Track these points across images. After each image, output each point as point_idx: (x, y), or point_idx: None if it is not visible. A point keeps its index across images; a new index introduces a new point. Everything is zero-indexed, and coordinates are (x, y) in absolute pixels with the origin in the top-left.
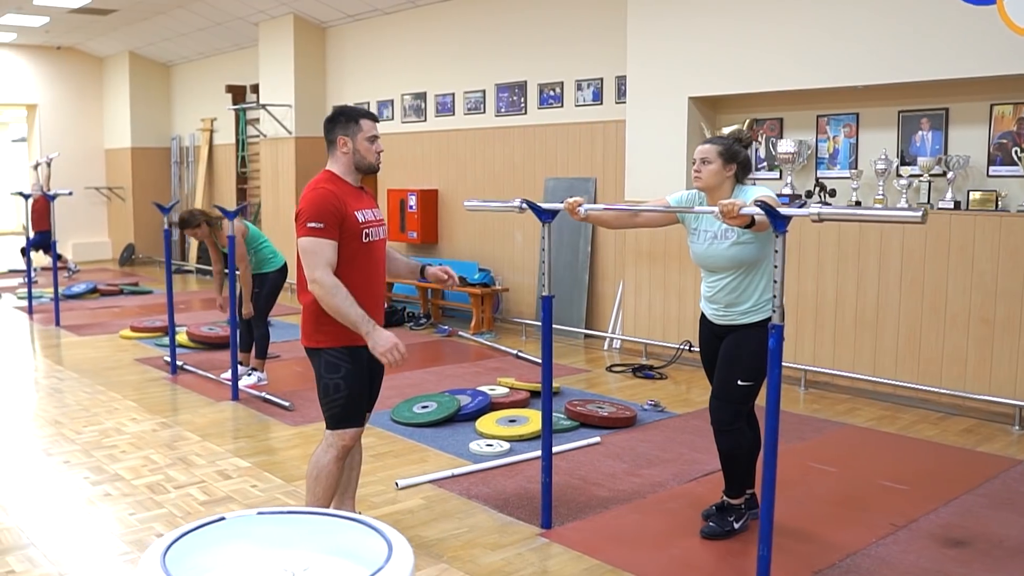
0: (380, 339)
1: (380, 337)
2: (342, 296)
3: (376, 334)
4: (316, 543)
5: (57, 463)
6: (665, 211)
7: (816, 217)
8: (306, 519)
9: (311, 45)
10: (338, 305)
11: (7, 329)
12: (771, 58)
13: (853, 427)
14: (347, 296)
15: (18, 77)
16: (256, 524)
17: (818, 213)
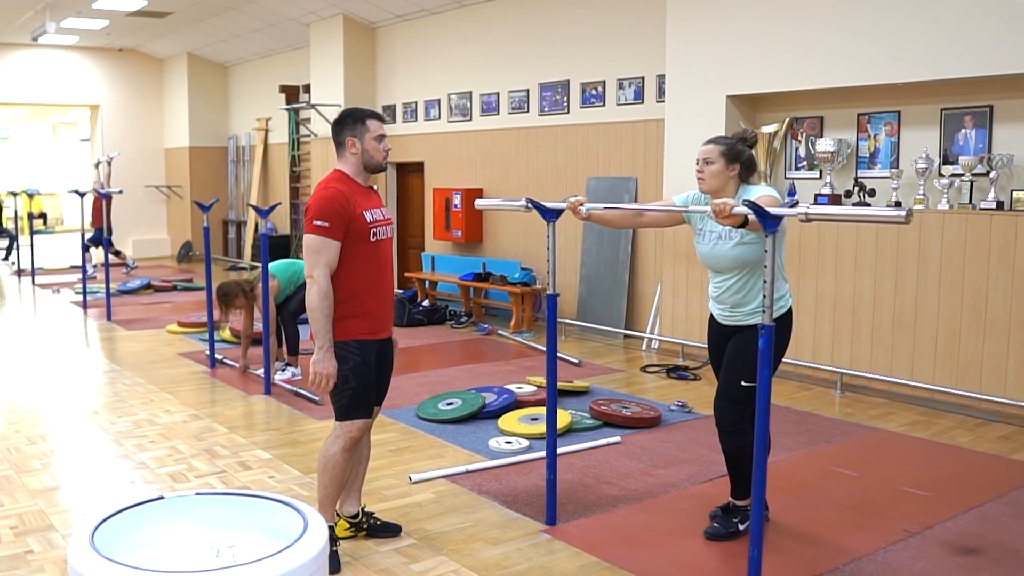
0: (326, 362)
1: (327, 360)
2: (326, 304)
3: (326, 354)
4: (245, 522)
5: (86, 451)
6: (667, 211)
7: (804, 217)
8: (240, 500)
9: (361, 45)
10: (319, 309)
11: (61, 323)
12: (810, 55)
13: (885, 432)
14: (330, 307)
15: (82, 78)
16: (194, 504)
17: (805, 212)
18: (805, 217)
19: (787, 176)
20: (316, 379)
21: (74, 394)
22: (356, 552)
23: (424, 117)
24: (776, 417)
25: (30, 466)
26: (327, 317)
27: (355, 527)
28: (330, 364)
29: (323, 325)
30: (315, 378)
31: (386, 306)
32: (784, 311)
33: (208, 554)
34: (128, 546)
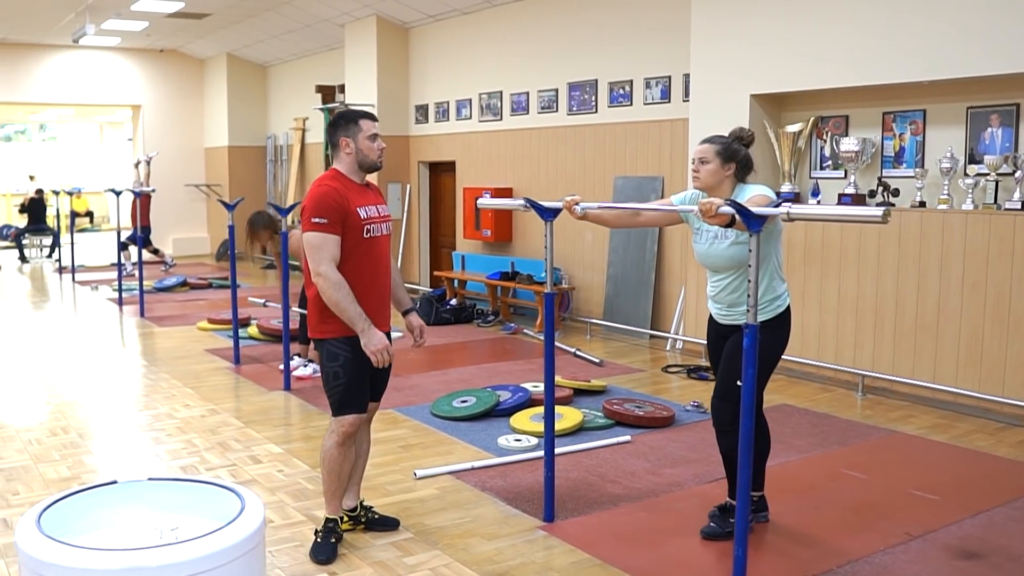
0: (373, 339)
1: (373, 337)
2: (344, 292)
3: (370, 333)
4: (193, 506)
5: (104, 444)
6: (663, 211)
7: (786, 216)
8: (188, 485)
9: (394, 46)
10: (339, 300)
11: (95, 319)
12: (835, 54)
13: (902, 435)
14: (349, 293)
15: (124, 79)
16: (145, 489)
17: (787, 212)
18: (787, 216)
19: (812, 176)
20: (375, 359)
21: (99, 388)
22: (353, 544)
23: (456, 117)
24: (792, 418)
25: (49, 456)
26: (352, 302)
27: (353, 520)
28: (378, 339)
29: (353, 309)
30: (374, 358)
31: (381, 302)
32: (782, 310)
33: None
34: (80, 528)
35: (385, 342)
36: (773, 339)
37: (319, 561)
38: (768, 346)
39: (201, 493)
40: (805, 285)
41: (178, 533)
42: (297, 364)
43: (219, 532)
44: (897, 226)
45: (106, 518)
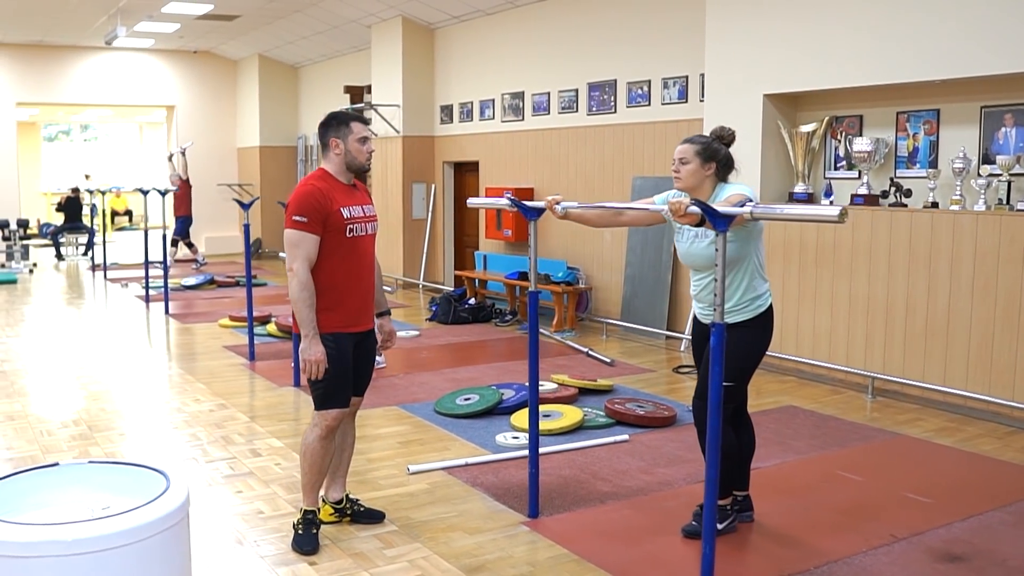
0: (312, 349)
1: (313, 347)
2: (306, 295)
3: (312, 341)
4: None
5: (110, 436)
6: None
7: (749, 215)
8: (126, 468)
9: (419, 46)
10: (299, 299)
11: (121, 315)
12: (849, 53)
13: (907, 438)
14: (311, 296)
15: (158, 80)
16: (86, 471)
17: (751, 211)
18: (751, 216)
19: (826, 176)
20: (306, 366)
21: (115, 383)
22: (337, 536)
23: (479, 117)
24: (796, 420)
25: (58, 447)
26: (310, 307)
27: (339, 512)
28: (317, 350)
29: (307, 314)
30: (304, 365)
31: (364, 300)
32: (763, 310)
33: (84, 513)
34: (21, 507)
35: (321, 356)
36: (754, 339)
37: (304, 552)
38: (749, 345)
39: (136, 475)
40: (817, 286)
41: (109, 510)
42: None
43: (141, 509)
44: (908, 227)
45: (46, 498)
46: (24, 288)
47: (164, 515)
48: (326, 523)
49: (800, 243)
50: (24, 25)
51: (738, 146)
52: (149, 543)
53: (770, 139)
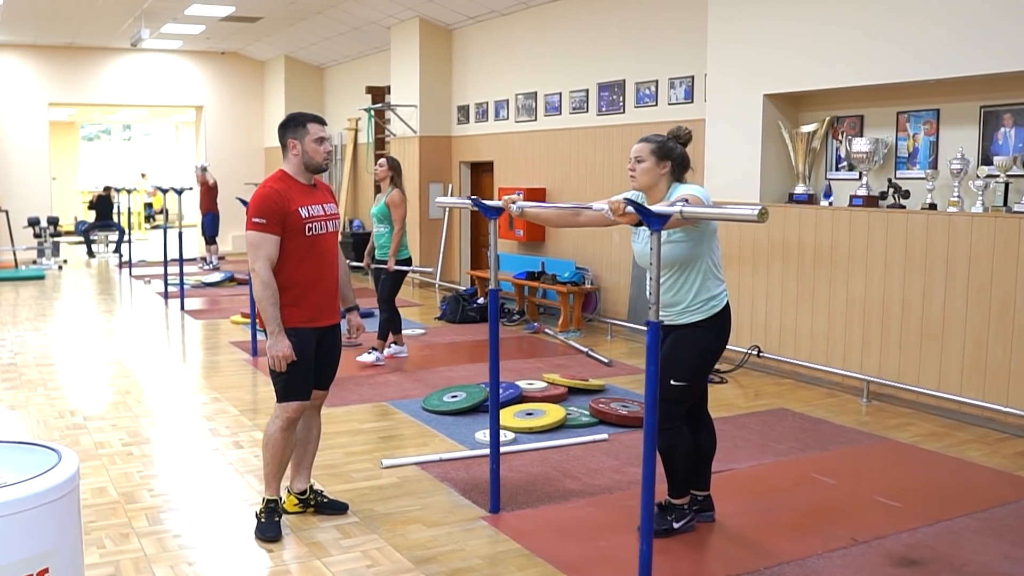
0: (278, 344)
1: (279, 342)
2: (270, 293)
3: (278, 337)
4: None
5: (103, 427)
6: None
7: (679, 215)
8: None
9: (436, 47)
10: (263, 298)
11: (138, 311)
12: (848, 52)
13: (893, 442)
14: (274, 295)
15: (187, 81)
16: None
17: (680, 211)
18: (680, 216)
19: (827, 177)
20: (272, 361)
21: (116, 376)
22: (299, 526)
23: (494, 117)
24: (784, 422)
25: (50, 437)
26: (273, 304)
27: (303, 503)
28: (283, 345)
29: (271, 312)
30: (271, 360)
31: (326, 296)
32: (717, 310)
33: None
34: None
35: (286, 351)
36: (708, 339)
37: (267, 539)
38: (702, 345)
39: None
40: (814, 288)
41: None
42: (395, 352)
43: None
44: (904, 229)
45: None
46: (50, 284)
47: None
48: (290, 513)
49: (798, 244)
50: (55, 27)
51: (741, 147)
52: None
53: (771, 140)
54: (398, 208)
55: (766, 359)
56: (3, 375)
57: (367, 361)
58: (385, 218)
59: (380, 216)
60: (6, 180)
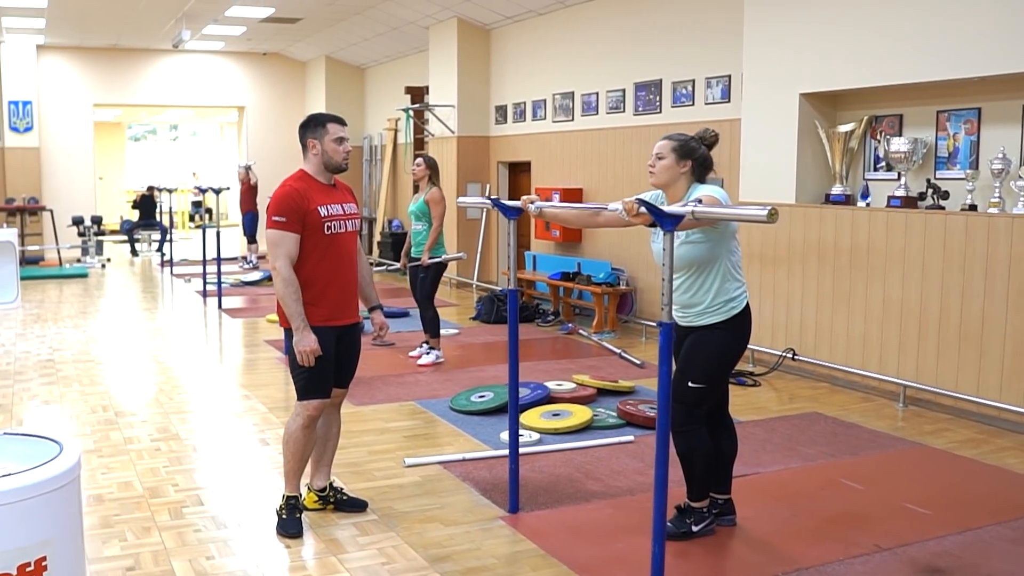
0: (304, 340)
1: (305, 338)
2: (291, 290)
3: (303, 332)
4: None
5: (133, 421)
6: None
7: (691, 216)
8: (27, 439)
9: (474, 47)
10: (285, 295)
11: (175, 309)
12: (888, 50)
13: (927, 448)
14: (296, 291)
15: (229, 81)
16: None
17: (692, 211)
18: (692, 216)
19: (865, 178)
20: (300, 356)
21: (149, 373)
22: (318, 522)
23: (531, 117)
24: (816, 426)
25: (82, 432)
26: (296, 300)
27: (323, 500)
28: (309, 340)
29: (294, 308)
30: (299, 356)
31: (345, 293)
32: (736, 312)
33: None
34: None
35: (313, 346)
36: (726, 340)
37: (288, 535)
38: (721, 347)
39: (38, 446)
40: (850, 290)
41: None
42: (420, 352)
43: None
44: (943, 230)
45: None
46: (93, 282)
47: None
48: (310, 510)
49: (834, 245)
50: (99, 29)
51: (776, 147)
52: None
53: (807, 140)
54: (438, 205)
55: (801, 362)
56: (41, 371)
57: (427, 362)
58: (424, 215)
59: (419, 213)
60: (52, 180)
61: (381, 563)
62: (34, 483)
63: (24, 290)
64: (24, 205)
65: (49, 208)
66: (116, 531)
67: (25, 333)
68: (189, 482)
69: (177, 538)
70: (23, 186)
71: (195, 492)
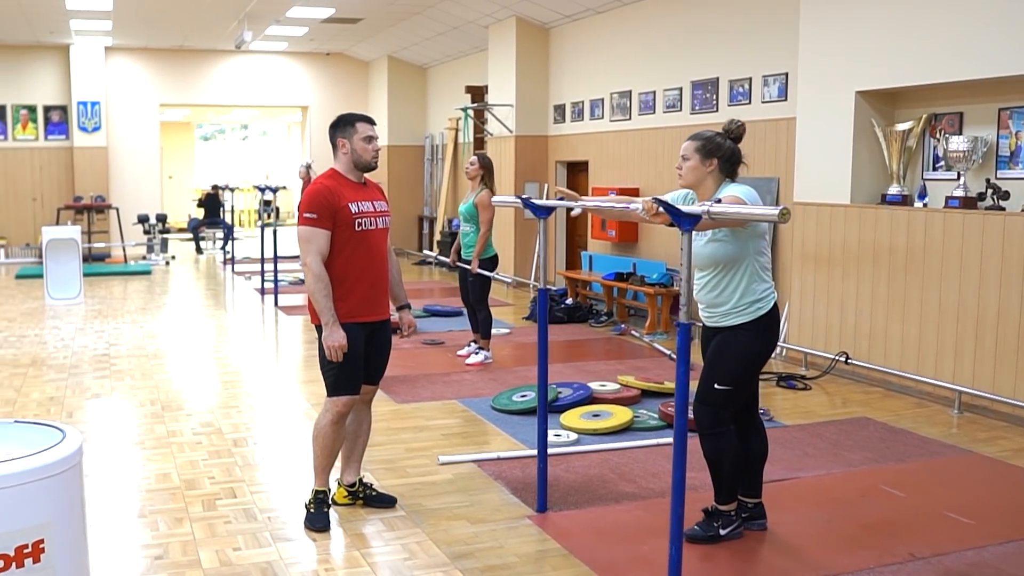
0: (333, 335)
1: (334, 333)
2: (321, 285)
3: (333, 328)
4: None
5: (178, 415)
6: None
7: (707, 215)
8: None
9: (533, 46)
10: (316, 291)
11: (232, 305)
12: (948, 45)
13: (978, 456)
14: (326, 287)
15: (293, 81)
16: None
17: (707, 211)
18: (708, 215)
19: (924, 177)
20: (328, 352)
21: (199, 368)
22: (347, 517)
23: (589, 116)
24: (863, 431)
25: (126, 424)
26: (326, 296)
27: (352, 495)
28: (338, 335)
29: (324, 303)
30: (328, 351)
31: (375, 289)
32: (763, 312)
33: None
34: None
35: (341, 341)
36: (754, 341)
37: (317, 529)
38: (747, 348)
39: (43, 433)
40: (906, 293)
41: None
42: (469, 351)
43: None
44: (1002, 231)
45: None
46: (157, 279)
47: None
48: (340, 505)
49: (889, 247)
50: (165, 30)
51: (829, 146)
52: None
53: (863, 139)
54: (486, 210)
55: (855, 366)
56: (96, 365)
57: (475, 362)
58: (472, 218)
59: (467, 215)
60: (119, 178)
61: (403, 559)
62: (33, 468)
63: (88, 286)
64: (91, 203)
65: (115, 206)
66: (149, 520)
67: (85, 328)
68: (225, 475)
69: (207, 529)
70: (91, 185)
71: (230, 485)
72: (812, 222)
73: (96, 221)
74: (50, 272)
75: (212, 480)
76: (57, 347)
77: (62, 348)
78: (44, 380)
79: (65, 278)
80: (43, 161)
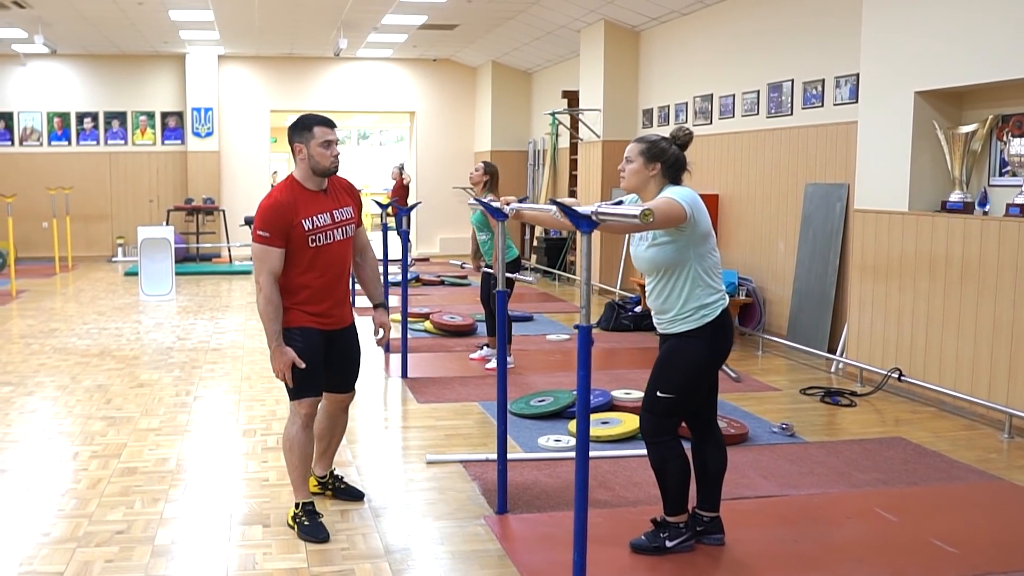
0: (279, 356)
1: (280, 354)
2: (272, 308)
3: (279, 350)
4: None
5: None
6: None
7: (595, 215)
8: None
9: (622, 50)
10: (265, 312)
11: None
12: (1017, 41)
13: (1007, 483)
14: (276, 309)
15: (400, 87)
16: None
17: (594, 212)
18: (595, 215)
19: (990, 183)
20: (277, 374)
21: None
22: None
23: (673, 121)
24: (888, 452)
25: (154, 413)
26: (272, 320)
27: (322, 486)
28: (283, 360)
29: (271, 328)
30: (276, 373)
31: (333, 302)
32: (708, 320)
33: None
34: None
35: (289, 362)
36: (699, 350)
37: (319, 540)
38: (692, 357)
39: None
40: (961, 307)
41: None
42: (487, 355)
43: None
44: None
45: None
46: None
47: None
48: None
49: (946, 257)
50: (274, 38)
51: (888, 149)
52: None
53: (924, 142)
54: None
55: (908, 383)
56: (154, 356)
57: (493, 366)
58: (484, 226)
59: (480, 225)
60: (229, 182)
61: (341, 548)
62: None
63: (188, 285)
64: (200, 205)
65: (222, 208)
66: (128, 500)
67: (164, 323)
68: (220, 465)
69: (177, 510)
70: (203, 187)
71: (219, 474)
72: (871, 231)
73: (205, 223)
74: (144, 270)
75: (206, 468)
76: (129, 339)
77: (133, 340)
78: (101, 369)
79: (159, 276)
80: (160, 165)
